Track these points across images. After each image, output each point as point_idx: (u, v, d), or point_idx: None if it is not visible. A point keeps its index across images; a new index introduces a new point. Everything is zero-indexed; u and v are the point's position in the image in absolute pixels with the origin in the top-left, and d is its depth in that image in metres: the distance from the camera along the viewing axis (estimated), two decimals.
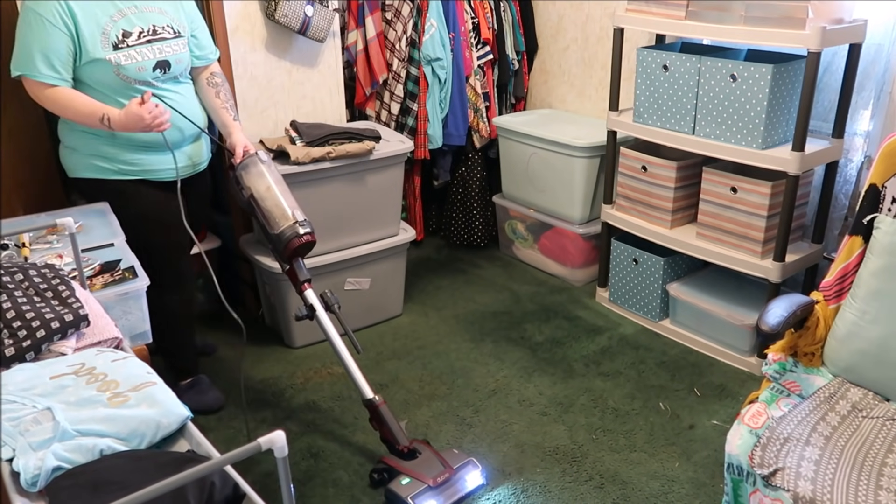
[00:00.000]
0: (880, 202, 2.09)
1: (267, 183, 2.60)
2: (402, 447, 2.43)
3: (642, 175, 3.29)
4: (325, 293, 2.61)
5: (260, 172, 2.61)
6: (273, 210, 2.56)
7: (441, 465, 2.40)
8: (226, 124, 2.70)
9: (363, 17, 3.73)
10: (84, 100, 2.37)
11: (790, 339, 2.14)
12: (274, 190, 2.59)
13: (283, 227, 2.53)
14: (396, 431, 2.45)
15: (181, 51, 2.53)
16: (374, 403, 2.48)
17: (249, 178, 2.61)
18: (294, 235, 2.53)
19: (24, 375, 1.56)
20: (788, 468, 1.77)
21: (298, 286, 2.61)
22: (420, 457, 2.43)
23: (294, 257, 2.59)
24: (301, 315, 2.57)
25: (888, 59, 2.85)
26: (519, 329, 3.44)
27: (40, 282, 1.83)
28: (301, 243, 2.54)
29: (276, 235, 2.54)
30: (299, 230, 2.53)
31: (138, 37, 2.41)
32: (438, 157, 4.09)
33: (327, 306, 2.59)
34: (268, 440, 1.13)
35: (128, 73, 2.39)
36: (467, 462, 2.45)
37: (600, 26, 3.84)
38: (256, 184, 2.60)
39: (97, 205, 2.57)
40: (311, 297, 2.59)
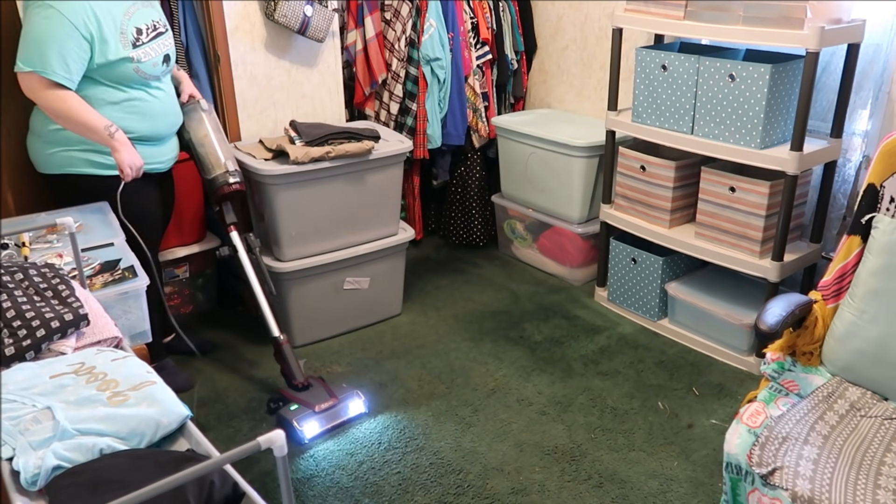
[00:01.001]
0: (878, 202, 2.09)
1: (205, 130, 2.83)
2: (298, 382, 2.77)
3: (641, 175, 3.29)
4: (247, 236, 2.92)
5: (200, 119, 2.84)
6: (209, 156, 2.82)
7: (328, 395, 2.75)
8: (178, 76, 2.87)
9: (362, 17, 3.74)
10: (89, 108, 2.43)
11: (789, 338, 2.14)
12: (211, 137, 2.83)
13: (216, 174, 2.80)
14: (294, 368, 2.78)
15: (174, 44, 2.68)
16: (278, 341, 2.79)
17: (190, 123, 2.83)
18: (224, 183, 2.80)
19: (24, 375, 1.56)
20: (787, 467, 1.77)
21: (225, 227, 2.89)
22: (311, 389, 2.78)
23: (223, 201, 2.87)
24: (224, 255, 2.92)
25: (886, 59, 2.85)
26: (518, 328, 3.44)
27: (40, 281, 1.83)
28: (230, 191, 2.82)
29: (209, 181, 2.82)
30: (229, 179, 2.80)
31: (147, 34, 2.51)
32: (437, 156, 4.09)
33: (249, 248, 2.89)
34: (267, 439, 1.14)
35: (145, 70, 2.51)
36: (352, 393, 2.79)
37: (599, 26, 3.84)
38: (196, 129, 2.83)
39: (97, 204, 2.57)
40: (236, 238, 2.88)
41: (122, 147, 2.45)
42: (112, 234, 2.38)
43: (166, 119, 2.67)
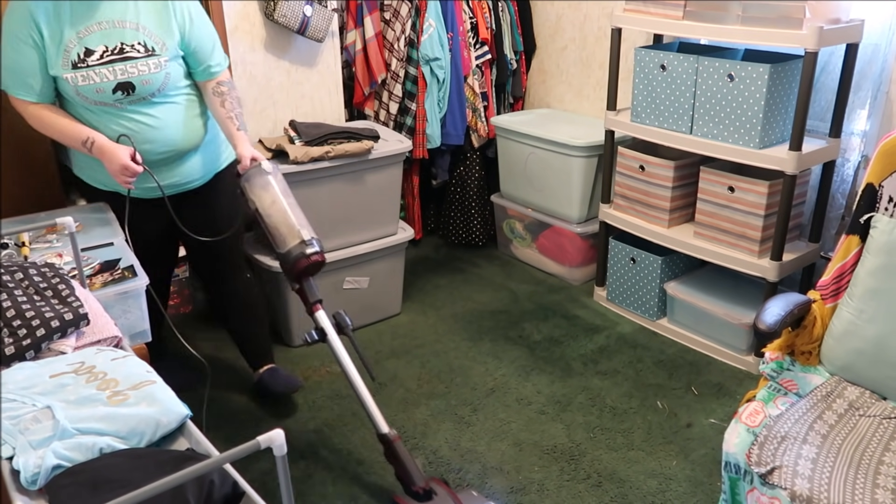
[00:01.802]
0: (877, 201, 2.10)
1: (272, 196, 2.41)
2: (418, 488, 2.27)
3: (640, 174, 3.30)
4: (337, 313, 2.44)
5: (265, 184, 2.43)
6: (279, 227, 2.39)
7: None
8: (230, 135, 2.50)
9: (362, 17, 3.74)
10: (66, 121, 2.29)
11: (787, 337, 2.14)
12: (280, 204, 2.41)
13: (290, 246, 2.36)
14: (412, 470, 2.29)
15: (151, 71, 2.30)
16: (388, 438, 2.33)
17: (254, 191, 2.43)
18: (301, 256, 2.35)
19: (23, 374, 1.56)
20: (785, 466, 1.77)
21: (309, 307, 2.43)
22: (436, 498, 2.26)
23: (302, 277, 2.42)
24: (311, 340, 2.39)
25: (885, 59, 2.85)
26: (517, 328, 3.44)
27: (40, 281, 1.83)
28: (308, 263, 2.37)
29: (283, 255, 2.39)
30: (306, 250, 2.35)
31: (101, 56, 2.23)
32: (437, 156, 4.09)
33: (340, 328, 2.41)
34: (267, 438, 1.14)
35: (86, 95, 2.25)
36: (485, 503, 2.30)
37: (598, 26, 3.85)
38: (261, 197, 2.42)
39: (97, 204, 2.57)
40: (322, 318, 2.40)
41: (102, 156, 2.27)
42: (112, 233, 2.38)
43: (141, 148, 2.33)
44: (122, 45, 2.26)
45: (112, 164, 2.25)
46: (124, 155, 2.25)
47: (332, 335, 2.39)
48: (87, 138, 2.26)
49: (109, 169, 2.27)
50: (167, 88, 2.37)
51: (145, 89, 2.31)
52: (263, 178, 2.43)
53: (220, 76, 2.52)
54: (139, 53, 2.28)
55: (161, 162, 2.43)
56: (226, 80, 2.53)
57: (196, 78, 2.48)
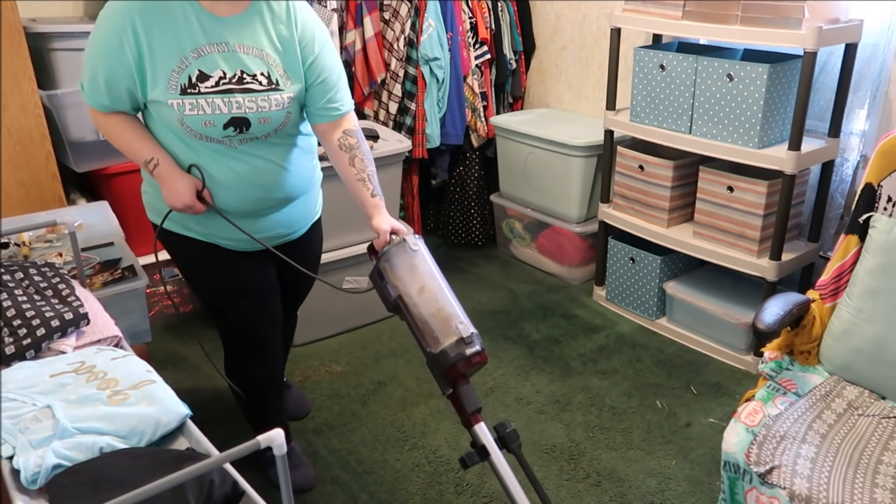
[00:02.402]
0: (876, 201, 2.10)
1: (421, 282, 1.96)
2: None
3: (639, 174, 3.30)
4: (500, 425, 1.85)
5: (411, 266, 1.98)
6: (430, 321, 1.92)
7: None
8: (363, 203, 2.11)
9: (361, 16, 3.74)
10: (135, 136, 1.94)
11: (786, 337, 2.15)
12: (432, 292, 1.95)
13: (445, 346, 1.86)
14: None
15: (271, 108, 1.94)
16: None
17: (395, 275, 1.97)
18: (459, 357, 1.84)
19: (24, 373, 1.57)
20: (785, 466, 1.78)
21: (465, 418, 1.87)
22: None
23: (459, 381, 1.87)
24: (471, 462, 1.81)
25: (884, 59, 2.86)
26: (516, 327, 3.45)
27: (40, 280, 1.83)
28: (469, 367, 1.85)
29: (434, 355, 1.88)
30: (465, 351, 1.84)
31: (217, 83, 1.87)
32: (436, 156, 4.10)
33: (504, 443, 1.84)
34: (267, 438, 1.14)
35: (192, 126, 1.88)
36: None
37: (597, 26, 3.85)
38: (407, 283, 1.96)
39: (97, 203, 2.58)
40: (483, 432, 1.84)
41: (162, 183, 1.93)
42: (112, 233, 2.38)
43: (242, 192, 2.01)
44: (242, 73, 1.91)
45: (172, 196, 1.93)
46: (189, 190, 1.93)
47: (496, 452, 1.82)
48: (152, 158, 1.93)
49: (167, 200, 1.94)
50: (286, 129, 2.03)
51: (262, 128, 1.96)
52: (408, 258, 1.99)
53: (346, 122, 2.12)
54: (261, 87, 1.93)
55: (268, 210, 2.10)
56: (352, 129, 2.13)
57: (312, 120, 2.10)
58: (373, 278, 2.04)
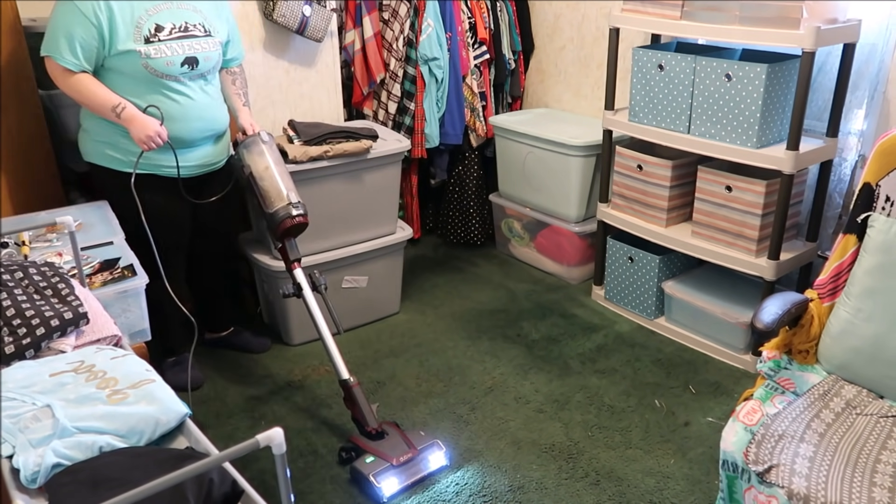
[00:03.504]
0: (874, 201, 2.10)
1: (266, 162, 2.71)
2: (371, 428, 2.53)
3: (638, 174, 3.30)
4: (312, 273, 2.72)
5: (260, 151, 2.72)
6: (269, 190, 2.67)
7: (406, 446, 2.50)
8: (235, 107, 2.84)
9: (361, 17, 3.74)
10: (101, 89, 2.45)
11: (785, 336, 2.15)
12: (272, 170, 2.70)
13: (277, 207, 2.65)
14: (367, 413, 2.54)
15: (210, 49, 2.60)
16: (348, 384, 2.58)
17: (250, 157, 2.72)
18: (287, 216, 2.64)
19: (23, 373, 1.57)
20: (783, 465, 1.78)
21: (288, 264, 2.72)
22: (387, 438, 2.53)
23: (286, 237, 2.69)
24: (288, 293, 2.68)
25: (882, 59, 2.86)
26: (515, 327, 3.45)
27: (40, 280, 1.84)
28: (293, 224, 2.65)
29: (270, 214, 2.65)
30: (292, 211, 2.64)
31: (170, 32, 2.48)
32: (435, 155, 4.10)
33: (314, 286, 2.69)
34: (266, 437, 1.15)
35: (156, 67, 2.46)
36: (431, 444, 2.53)
37: (596, 26, 3.85)
38: (256, 162, 2.71)
39: (97, 203, 2.58)
40: (300, 276, 2.68)
41: (131, 123, 2.45)
42: (111, 232, 2.39)
43: (187, 124, 2.60)
44: (186, 23, 2.53)
45: (145, 129, 2.44)
46: (154, 122, 2.46)
47: (307, 290, 2.67)
48: (119, 104, 2.44)
49: (136, 134, 2.44)
50: (215, 69, 2.70)
51: (206, 65, 2.59)
52: (260, 146, 2.74)
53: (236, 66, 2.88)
54: (200, 33, 2.57)
55: (203, 140, 2.68)
56: (240, 69, 2.90)
57: (225, 65, 2.81)
58: (233, 161, 2.83)
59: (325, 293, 2.69)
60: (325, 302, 2.65)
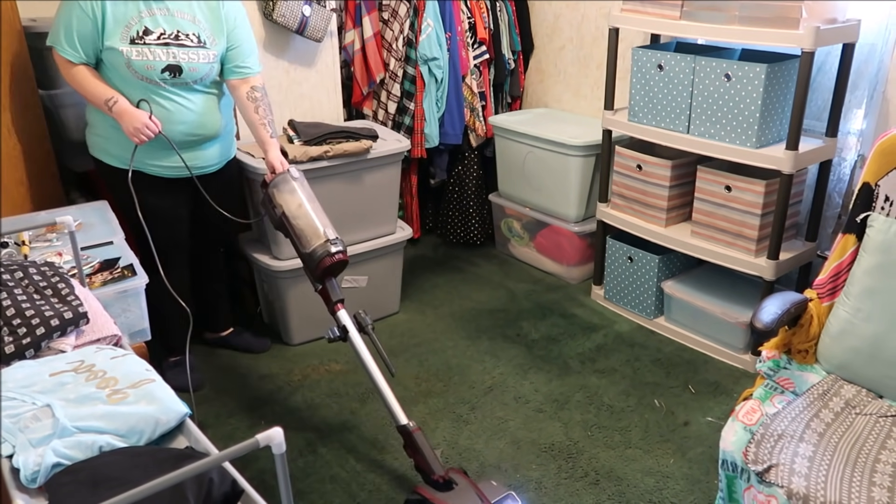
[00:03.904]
0: (874, 201, 2.10)
1: (298, 200, 2.56)
2: (438, 476, 2.27)
3: (637, 174, 3.31)
4: (358, 314, 2.51)
5: (292, 189, 2.58)
6: (305, 229, 2.52)
7: (479, 499, 2.21)
8: (263, 141, 2.71)
9: (360, 17, 3.74)
10: (97, 82, 2.49)
11: (784, 336, 2.15)
12: (306, 207, 2.55)
13: (315, 246, 2.48)
14: (432, 460, 2.30)
15: (199, 60, 2.56)
16: (408, 430, 2.35)
17: (281, 196, 2.57)
18: (326, 254, 2.46)
19: (23, 372, 1.57)
20: (782, 465, 1.78)
21: (331, 306, 2.52)
22: (456, 488, 2.25)
23: (326, 276, 2.52)
24: (333, 337, 2.48)
25: (881, 59, 2.86)
26: (515, 326, 3.45)
27: (40, 279, 1.84)
28: (333, 262, 2.48)
29: (308, 254, 2.50)
30: (331, 249, 2.47)
31: (157, 37, 2.48)
32: (435, 155, 4.10)
33: (360, 327, 2.49)
34: (266, 437, 1.15)
35: (136, 69, 2.47)
36: (506, 496, 2.26)
37: (596, 26, 3.85)
38: (288, 202, 2.56)
39: (97, 203, 2.58)
40: (344, 317, 2.49)
41: (121, 116, 2.47)
42: (111, 232, 2.39)
43: (170, 127, 2.56)
44: (178, 31, 2.52)
45: (133, 121, 2.46)
46: (144, 114, 2.48)
47: (354, 333, 2.47)
48: (111, 97, 2.47)
49: (126, 127, 2.47)
50: (206, 80, 2.64)
51: (190, 75, 2.57)
52: (290, 183, 2.60)
53: (254, 80, 2.74)
54: (192, 43, 2.55)
55: (187, 144, 2.65)
56: (259, 86, 2.75)
57: (225, 76, 2.71)
58: (263, 203, 2.69)
59: (372, 333, 2.48)
60: (375, 343, 2.45)
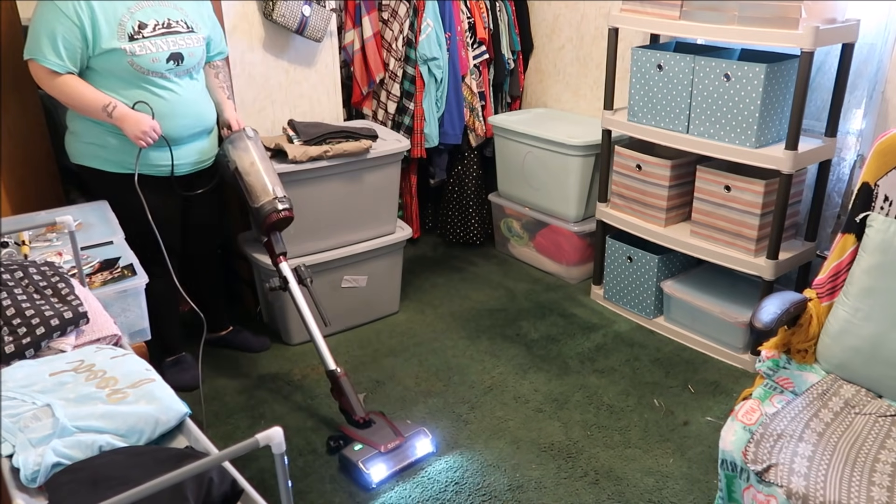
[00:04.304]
0: (873, 200, 2.10)
1: (251, 158, 2.71)
2: (358, 417, 2.59)
3: (637, 173, 3.31)
4: (299, 267, 2.76)
5: (245, 147, 2.72)
6: (255, 184, 2.68)
7: (393, 434, 2.56)
8: (219, 101, 2.84)
9: (360, 16, 3.74)
10: (89, 89, 2.44)
11: (783, 336, 2.15)
12: (257, 165, 2.70)
13: (263, 202, 2.65)
14: (354, 402, 2.61)
15: (194, 45, 2.60)
16: (335, 374, 2.63)
17: (235, 152, 2.72)
18: (272, 210, 2.65)
19: (23, 372, 1.57)
20: (782, 464, 1.78)
21: (274, 258, 2.75)
22: (374, 426, 2.59)
23: (272, 230, 2.72)
24: (274, 286, 2.73)
25: (881, 59, 2.86)
26: (514, 326, 3.45)
27: (40, 279, 1.84)
28: (279, 218, 2.66)
29: (256, 209, 2.67)
30: (278, 205, 2.65)
31: (153, 29, 2.48)
32: (435, 155, 4.10)
33: (300, 279, 2.74)
34: (265, 436, 1.15)
35: (141, 64, 2.45)
36: (418, 431, 2.61)
37: (595, 26, 3.86)
38: (241, 158, 2.71)
39: (96, 203, 2.58)
40: (286, 269, 2.73)
41: (123, 121, 2.45)
42: (111, 232, 2.39)
43: (176, 121, 2.59)
44: (168, 20, 2.53)
45: (139, 125, 2.45)
46: (147, 117, 2.48)
47: (293, 283, 2.72)
48: (109, 103, 2.44)
49: (131, 131, 2.45)
50: (200, 65, 2.69)
51: (190, 61, 2.59)
52: (245, 141, 2.74)
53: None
54: (183, 29, 2.57)
55: (189, 138, 2.68)
56: (222, 63, 2.92)
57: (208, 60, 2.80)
58: (220, 157, 2.82)
59: (311, 286, 2.73)
60: (312, 295, 2.70)
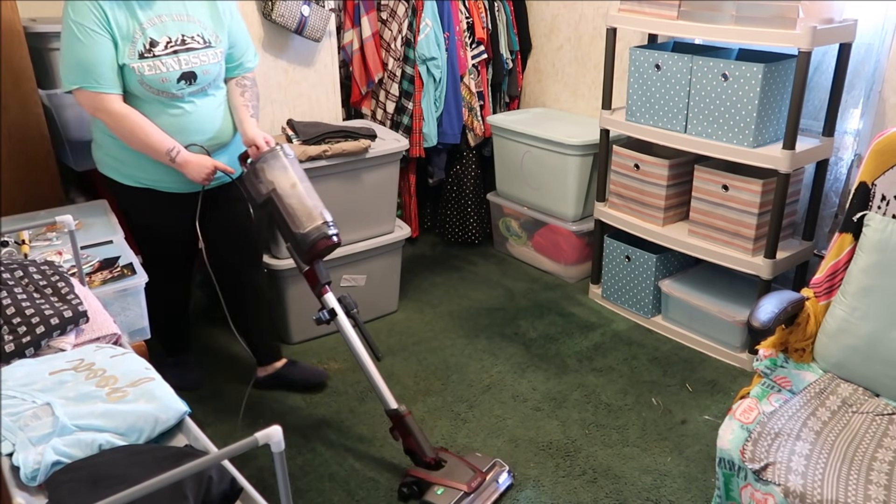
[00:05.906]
0: (870, 200, 2.11)
1: (292, 179, 2.43)
2: (430, 458, 2.39)
3: (635, 173, 3.31)
4: (343, 297, 2.49)
5: (284, 166, 2.44)
6: (298, 208, 2.40)
7: (471, 471, 2.37)
8: (241, 119, 2.55)
9: (359, 16, 3.75)
10: (155, 130, 2.33)
11: (781, 335, 2.16)
12: (299, 187, 2.43)
13: (310, 228, 2.38)
14: (423, 442, 2.40)
15: (209, 61, 2.41)
16: (399, 414, 2.41)
17: (272, 173, 2.42)
18: (321, 236, 2.38)
19: (23, 371, 1.57)
20: (779, 463, 1.79)
21: (318, 289, 2.47)
22: (447, 465, 2.39)
23: (317, 259, 2.45)
24: (322, 319, 2.44)
25: (878, 59, 2.87)
26: (513, 325, 3.46)
27: (40, 278, 1.84)
28: (328, 244, 2.40)
29: (302, 235, 2.38)
30: (328, 231, 2.39)
31: (165, 47, 2.31)
32: (433, 155, 4.11)
33: (346, 310, 2.47)
34: (265, 435, 1.15)
35: (150, 84, 2.30)
36: (493, 463, 2.45)
37: (593, 26, 3.86)
38: (280, 179, 2.42)
39: (96, 202, 2.59)
40: (332, 300, 2.46)
41: (186, 167, 2.37)
42: (111, 231, 2.39)
43: (188, 137, 2.41)
44: (183, 36, 2.35)
45: (201, 170, 2.38)
46: (207, 160, 2.40)
47: (342, 315, 2.46)
48: (173, 148, 2.34)
49: (195, 176, 2.38)
50: (217, 80, 2.50)
51: (205, 79, 2.41)
52: (282, 160, 2.45)
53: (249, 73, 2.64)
54: (199, 45, 2.39)
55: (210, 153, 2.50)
56: (250, 77, 2.64)
57: (228, 74, 2.57)
58: (246, 179, 2.48)
59: (358, 317, 2.47)
60: (360, 327, 2.45)
